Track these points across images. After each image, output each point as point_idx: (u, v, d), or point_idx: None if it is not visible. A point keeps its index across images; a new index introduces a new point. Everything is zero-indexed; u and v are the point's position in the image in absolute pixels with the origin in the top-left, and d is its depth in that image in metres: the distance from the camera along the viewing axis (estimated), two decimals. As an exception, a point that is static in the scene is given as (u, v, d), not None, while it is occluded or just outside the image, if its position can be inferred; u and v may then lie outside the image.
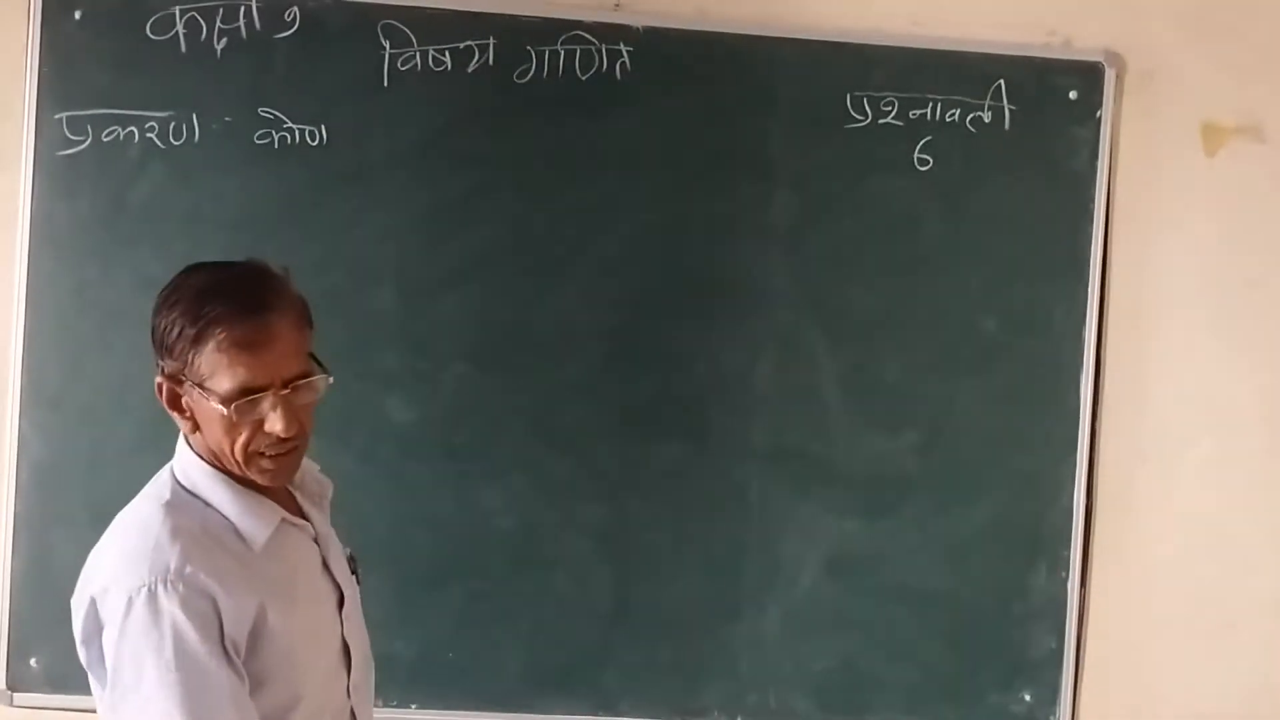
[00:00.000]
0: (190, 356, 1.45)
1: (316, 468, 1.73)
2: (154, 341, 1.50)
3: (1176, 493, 2.49)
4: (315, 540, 1.63)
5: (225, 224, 2.29)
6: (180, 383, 1.48)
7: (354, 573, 1.70)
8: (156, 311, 1.49)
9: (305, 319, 1.54)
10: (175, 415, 1.52)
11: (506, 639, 2.38)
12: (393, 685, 2.34)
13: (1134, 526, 2.49)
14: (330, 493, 1.73)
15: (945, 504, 2.44)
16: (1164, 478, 2.49)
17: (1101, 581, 2.48)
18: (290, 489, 1.63)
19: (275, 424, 1.48)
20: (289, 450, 1.53)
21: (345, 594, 1.66)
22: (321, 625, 1.61)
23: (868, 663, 2.43)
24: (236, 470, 1.52)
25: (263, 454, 1.51)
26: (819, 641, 2.43)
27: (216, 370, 1.45)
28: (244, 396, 1.46)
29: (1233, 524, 2.50)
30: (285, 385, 1.48)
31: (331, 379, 1.54)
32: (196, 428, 1.51)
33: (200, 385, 1.46)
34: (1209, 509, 2.50)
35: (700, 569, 2.41)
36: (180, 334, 1.45)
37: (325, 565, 1.64)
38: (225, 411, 1.45)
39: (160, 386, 1.50)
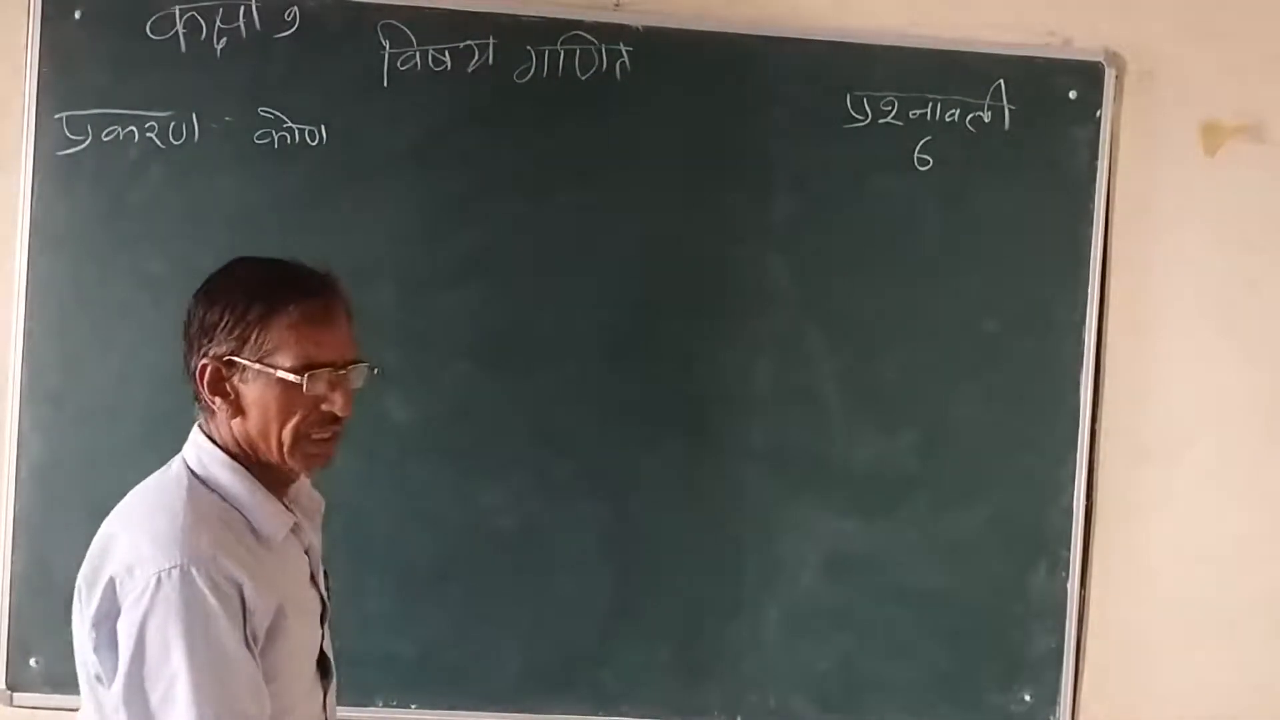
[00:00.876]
0: (255, 333, 1.49)
1: (309, 483, 1.72)
2: (199, 326, 1.52)
3: (1176, 493, 2.49)
4: (306, 552, 1.64)
5: (225, 224, 2.28)
6: (232, 364, 1.50)
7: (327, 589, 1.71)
8: (207, 298, 1.52)
9: (350, 312, 1.60)
10: (216, 400, 1.52)
11: (506, 639, 2.38)
12: (393, 685, 2.35)
13: (1134, 526, 2.49)
14: (323, 509, 1.74)
15: (945, 504, 2.43)
16: (1164, 478, 2.49)
17: (1101, 581, 2.48)
18: (286, 502, 1.62)
19: (337, 402, 1.53)
20: (334, 435, 1.57)
21: (327, 608, 1.68)
22: (310, 635, 1.61)
23: (867, 663, 2.43)
24: (274, 456, 1.53)
25: (311, 436, 1.54)
26: (819, 641, 2.42)
27: (284, 345, 1.49)
28: (311, 370, 1.50)
29: (1233, 524, 2.49)
30: (344, 366, 1.54)
31: (376, 370, 1.60)
32: (238, 412, 1.52)
33: (263, 361, 1.49)
34: (1209, 509, 2.49)
35: (700, 569, 2.41)
36: (246, 311, 1.49)
37: (312, 577, 1.65)
38: (298, 379, 1.49)
39: (204, 369, 1.51)
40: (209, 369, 1.51)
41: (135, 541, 1.46)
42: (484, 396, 2.36)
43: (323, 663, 1.64)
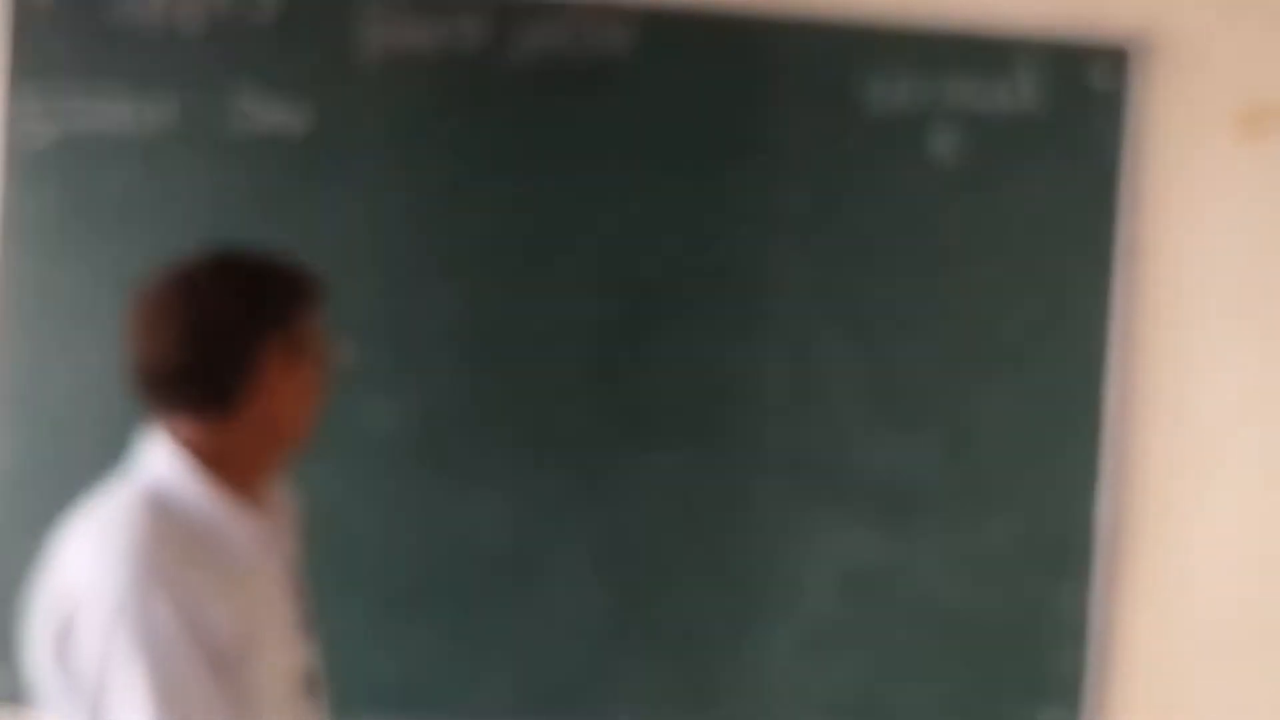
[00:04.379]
0: (300, 320, 1.58)
1: (287, 486, 1.75)
2: (216, 315, 1.52)
3: (1214, 502, 2.46)
4: (282, 557, 1.65)
5: (202, 215, 2.27)
6: (269, 347, 1.55)
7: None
8: (222, 288, 1.53)
9: None
10: (275, 378, 1.56)
11: (499, 659, 2.35)
12: (380, 706, 2.32)
13: (1168, 538, 2.46)
14: (297, 507, 1.76)
15: (967, 514, 2.41)
16: (1201, 486, 2.46)
17: (1134, 599, 2.45)
18: (264, 506, 1.63)
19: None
20: None
21: (309, 617, 1.68)
22: (290, 651, 1.61)
23: (885, 684, 2.40)
24: (298, 435, 1.62)
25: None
26: (833, 661, 2.40)
27: (316, 329, 1.61)
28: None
29: (1276, 536, 2.47)
30: None
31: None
32: (268, 395, 1.55)
33: (305, 344, 1.59)
34: (1251, 521, 2.46)
35: (706, 586, 2.38)
36: (290, 300, 1.58)
37: (291, 586, 1.66)
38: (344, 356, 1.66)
39: (262, 348, 1.53)
40: (266, 349, 1.53)
41: (92, 562, 1.45)
42: (474, 397, 2.34)
43: (308, 677, 1.64)
